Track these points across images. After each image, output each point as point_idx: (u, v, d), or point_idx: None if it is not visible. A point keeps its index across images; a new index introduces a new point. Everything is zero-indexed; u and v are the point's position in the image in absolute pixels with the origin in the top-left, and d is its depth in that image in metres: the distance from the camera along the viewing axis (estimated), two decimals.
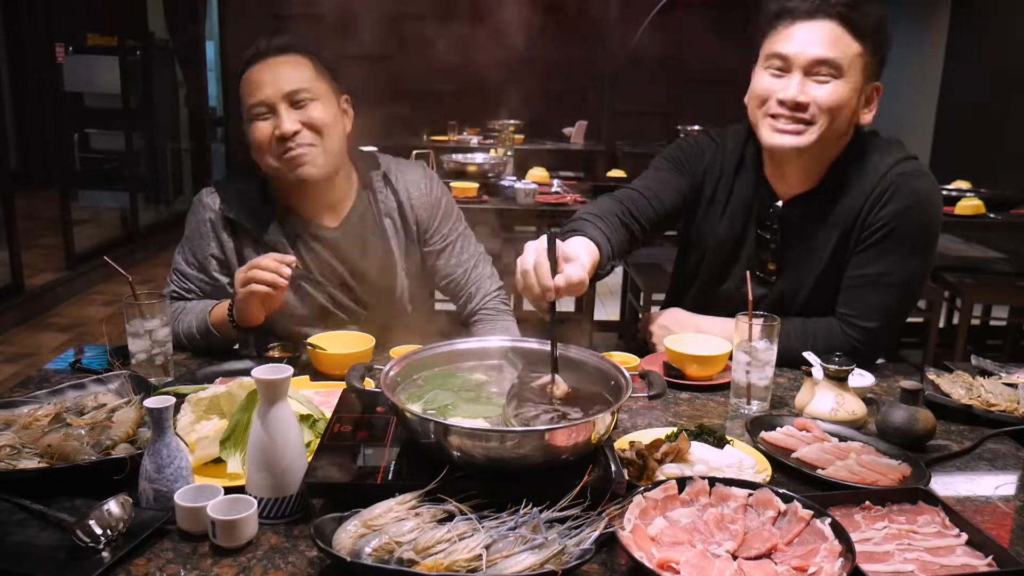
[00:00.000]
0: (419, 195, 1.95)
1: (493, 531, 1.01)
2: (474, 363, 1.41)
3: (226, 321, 1.73)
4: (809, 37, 1.63)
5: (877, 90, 1.70)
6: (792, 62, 1.64)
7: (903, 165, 1.71)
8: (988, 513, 1.22)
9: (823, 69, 1.63)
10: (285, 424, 1.12)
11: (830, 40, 1.62)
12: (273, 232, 1.85)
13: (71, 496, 1.15)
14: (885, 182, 1.69)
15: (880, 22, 1.65)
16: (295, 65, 1.78)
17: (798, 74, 1.64)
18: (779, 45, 1.66)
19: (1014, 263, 4.82)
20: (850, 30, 1.62)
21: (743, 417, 1.50)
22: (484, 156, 4.53)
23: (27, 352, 4.39)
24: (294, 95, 1.76)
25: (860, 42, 1.63)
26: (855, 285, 1.73)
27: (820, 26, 1.62)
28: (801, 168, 1.75)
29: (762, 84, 1.69)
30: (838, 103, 1.63)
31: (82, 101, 6.89)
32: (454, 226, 2.00)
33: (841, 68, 1.62)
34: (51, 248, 5.64)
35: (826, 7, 1.62)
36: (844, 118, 1.66)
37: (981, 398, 1.58)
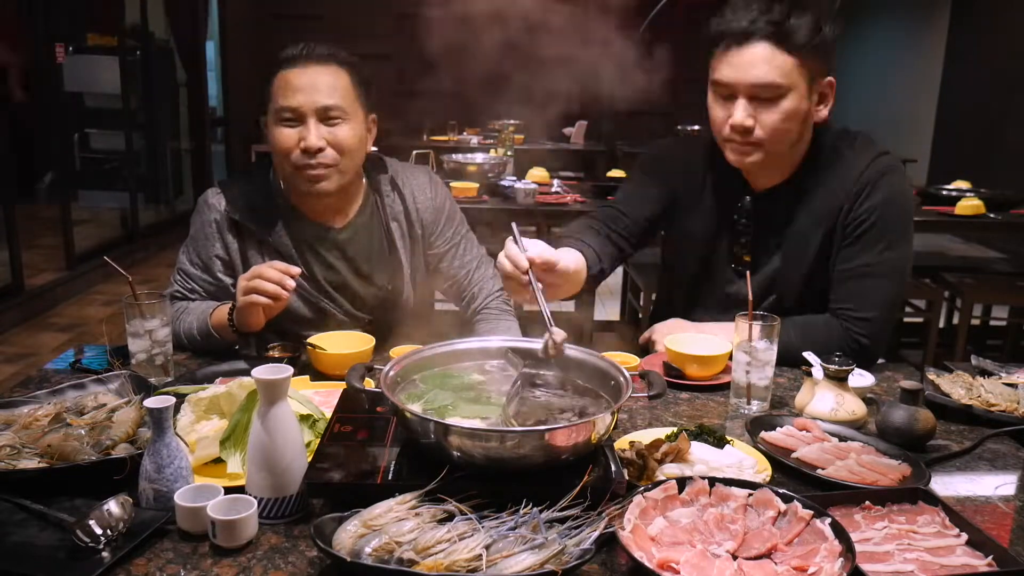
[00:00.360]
0: (424, 199, 1.96)
1: (493, 531, 1.01)
2: (474, 363, 1.41)
3: (226, 324, 1.73)
4: (745, 62, 1.64)
5: (830, 85, 1.72)
6: (734, 88, 1.67)
7: (879, 161, 1.76)
8: (988, 513, 1.22)
9: (765, 92, 1.64)
10: (285, 424, 1.12)
11: (765, 61, 1.63)
12: (279, 234, 1.84)
13: (71, 496, 1.15)
14: (864, 178, 1.74)
15: (816, 24, 1.63)
16: (335, 77, 1.77)
17: (742, 99, 1.67)
18: (720, 72, 1.69)
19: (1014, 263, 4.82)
20: (783, 46, 1.62)
21: (743, 417, 1.50)
22: (484, 156, 4.54)
23: (27, 352, 4.39)
24: (326, 111, 1.75)
25: (796, 54, 1.62)
26: (848, 278, 1.76)
27: (753, 49, 1.63)
28: (771, 167, 1.80)
29: (714, 112, 1.74)
30: (783, 122, 1.67)
31: (82, 101, 6.89)
32: (457, 229, 2.01)
33: (782, 87, 1.64)
34: (51, 248, 5.63)
35: (756, 28, 1.62)
36: (795, 129, 1.70)
37: (981, 398, 1.58)
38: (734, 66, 1.65)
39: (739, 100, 1.67)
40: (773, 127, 1.67)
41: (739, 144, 1.71)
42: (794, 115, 1.67)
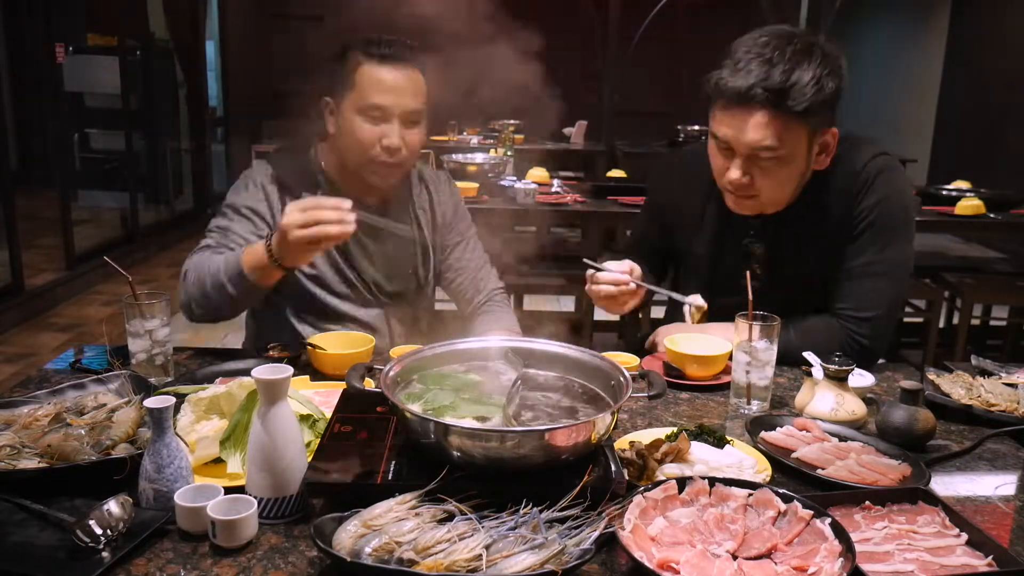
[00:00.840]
0: (445, 196, 2.08)
1: (493, 531, 1.01)
2: (474, 363, 1.41)
3: (265, 263, 1.62)
4: (743, 124, 1.60)
5: (833, 135, 1.69)
6: (732, 146, 1.64)
7: (876, 161, 1.75)
8: (988, 513, 1.22)
9: (763, 154, 1.61)
10: (285, 424, 1.12)
11: (762, 127, 1.58)
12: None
13: (71, 496, 1.15)
14: (862, 178, 1.74)
15: (816, 85, 1.56)
16: (418, 81, 1.84)
17: (740, 158, 1.64)
18: (719, 127, 1.65)
19: (1014, 263, 4.83)
20: (783, 112, 1.57)
21: (743, 417, 1.50)
22: (484, 156, 4.54)
23: (27, 352, 4.39)
24: (410, 115, 1.83)
25: (797, 118, 1.58)
26: (847, 278, 1.76)
27: (751, 114, 1.58)
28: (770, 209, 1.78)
29: (714, 161, 1.73)
30: (781, 183, 1.68)
31: (82, 101, 6.89)
32: (468, 227, 2.13)
33: (779, 150, 1.60)
34: (51, 248, 5.64)
35: (754, 93, 1.56)
36: (795, 181, 1.70)
37: (981, 398, 1.58)
38: (732, 127, 1.62)
39: (736, 159, 1.65)
40: (771, 186, 1.67)
41: (736, 197, 1.72)
42: (793, 175, 1.67)
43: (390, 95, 1.79)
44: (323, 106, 1.90)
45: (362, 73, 1.80)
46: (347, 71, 1.82)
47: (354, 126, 1.82)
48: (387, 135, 1.81)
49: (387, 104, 1.80)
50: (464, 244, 2.09)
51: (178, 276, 1.86)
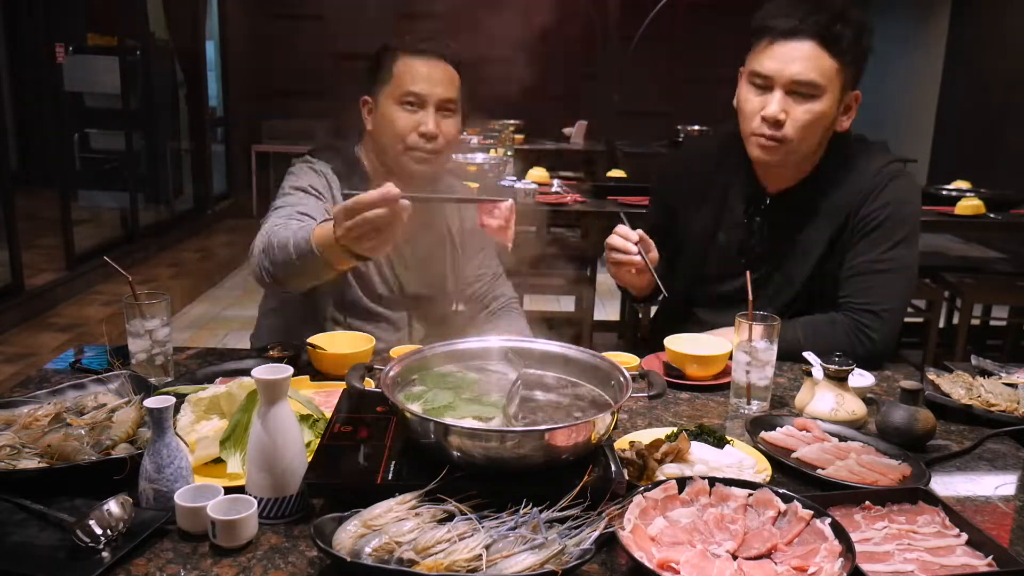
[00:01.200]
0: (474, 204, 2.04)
1: (493, 531, 1.01)
2: (474, 363, 1.41)
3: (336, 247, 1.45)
4: (788, 57, 1.67)
5: (856, 98, 1.77)
6: (773, 80, 1.70)
7: (891, 167, 1.82)
8: (988, 513, 1.22)
9: (802, 88, 1.68)
10: (285, 424, 1.12)
11: (808, 59, 1.66)
12: None
13: (71, 496, 1.15)
14: (877, 179, 1.79)
15: (858, 36, 1.68)
16: (452, 73, 1.91)
17: (779, 92, 1.70)
18: (761, 64, 1.71)
19: (1014, 263, 4.82)
20: (827, 48, 1.66)
21: (743, 417, 1.50)
22: (484, 156, 4.54)
23: (27, 352, 4.39)
24: (445, 103, 1.89)
25: (838, 59, 1.67)
26: (857, 273, 1.78)
27: (799, 46, 1.67)
28: (788, 168, 1.83)
29: (748, 103, 1.76)
30: (815, 121, 1.71)
31: (82, 101, 6.88)
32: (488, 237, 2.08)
33: (820, 87, 1.67)
34: (51, 248, 5.63)
35: (804, 27, 1.65)
36: (821, 131, 1.74)
37: (981, 398, 1.58)
38: (777, 59, 1.68)
39: (776, 92, 1.70)
40: (803, 125, 1.70)
41: (766, 139, 1.73)
42: (823, 117, 1.71)
43: (425, 83, 1.86)
44: (362, 105, 1.95)
45: (399, 64, 1.88)
46: (385, 66, 1.89)
47: (392, 115, 1.88)
48: (423, 122, 1.87)
49: (423, 92, 1.86)
50: (485, 253, 2.15)
51: (178, 276, 1.87)
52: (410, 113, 1.87)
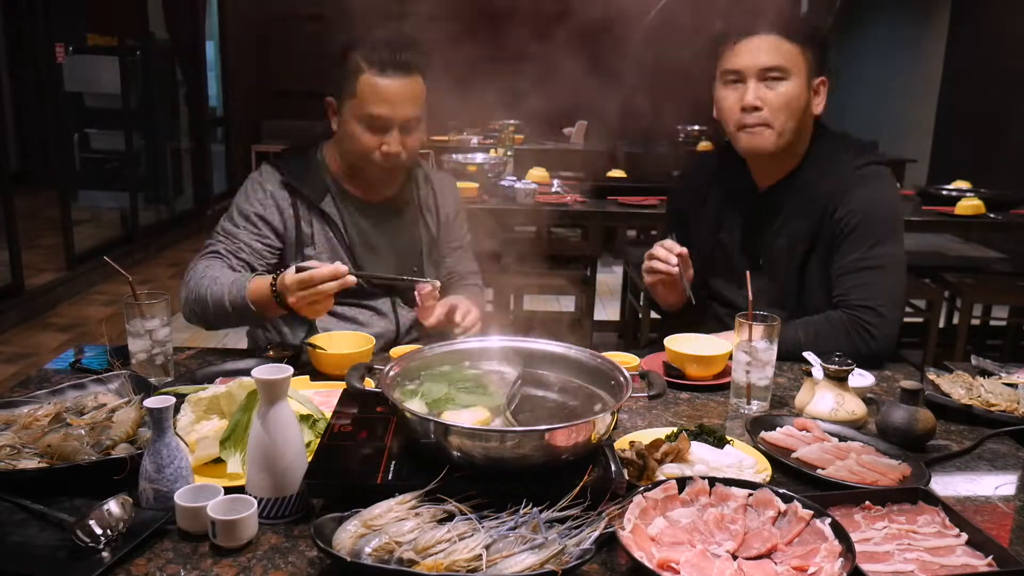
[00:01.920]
0: (450, 198, 2.14)
1: (493, 531, 1.01)
2: (474, 363, 1.41)
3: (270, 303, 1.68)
4: (754, 49, 1.83)
5: (823, 83, 1.89)
6: (744, 73, 1.84)
7: (866, 168, 1.87)
8: (988, 513, 1.22)
9: (772, 73, 1.82)
10: (285, 424, 1.12)
11: (771, 48, 1.82)
12: (328, 203, 1.95)
13: (71, 496, 1.15)
14: (849, 181, 1.84)
15: (811, 26, 1.89)
16: (417, 88, 1.86)
17: (752, 81, 1.83)
18: (730, 62, 1.86)
19: (1014, 263, 4.82)
20: (786, 37, 1.82)
21: (743, 417, 1.50)
22: (484, 156, 4.53)
23: (27, 352, 4.39)
24: (408, 123, 1.85)
25: (798, 45, 1.83)
26: (845, 272, 1.81)
27: (760, 39, 1.83)
28: (776, 159, 1.91)
29: (725, 100, 1.89)
30: (788, 99, 1.83)
31: (82, 101, 6.88)
32: (464, 233, 2.19)
33: (786, 69, 1.82)
34: (51, 248, 5.63)
35: (762, 24, 1.83)
36: (798, 110, 1.84)
37: (981, 398, 1.58)
38: (743, 54, 1.84)
39: (749, 82, 1.83)
40: (779, 106, 1.82)
41: (751, 126, 1.84)
42: (796, 99, 1.83)
43: (391, 107, 1.81)
44: (327, 106, 1.93)
45: (363, 82, 1.81)
46: (348, 75, 1.83)
47: (355, 132, 1.85)
48: (387, 143, 1.84)
49: (387, 115, 1.82)
50: (460, 251, 2.16)
51: (178, 276, 1.88)
52: (373, 133, 1.84)
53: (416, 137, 1.90)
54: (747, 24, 1.85)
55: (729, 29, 1.88)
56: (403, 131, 1.85)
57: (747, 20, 1.85)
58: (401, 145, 1.85)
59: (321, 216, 1.93)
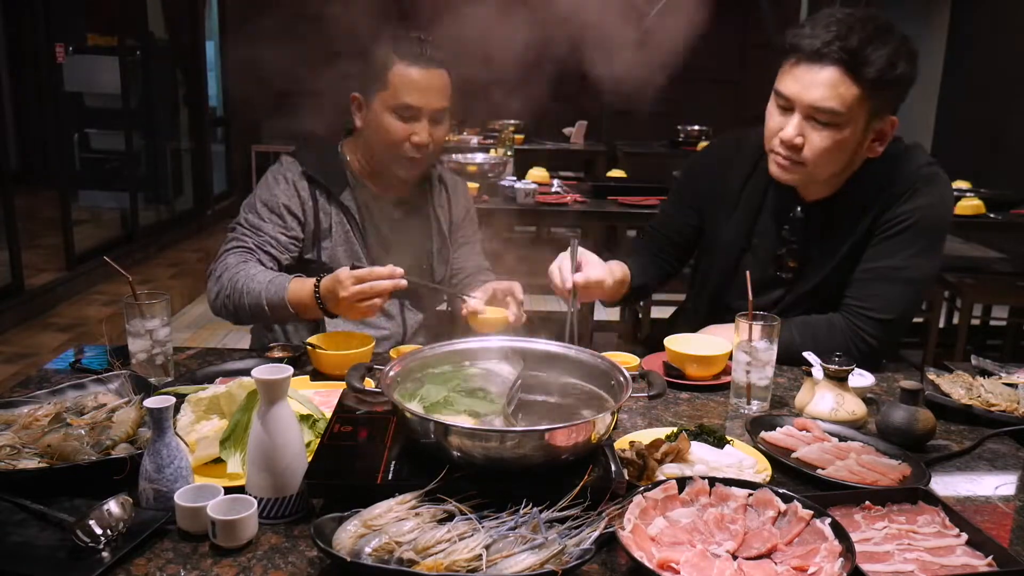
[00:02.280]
0: (461, 198, 2.16)
1: (493, 531, 1.01)
2: (474, 363, 1.41)
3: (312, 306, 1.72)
4: (810, 81, 1.61)
5: (892, 124, 1.70)
6: (794, 103, 1.65)
7: (929, 169, 1.76)
8: (988, 513, 1.22)
9: (821, 116, 1.62)
10: (285, 424, 1.12)
11: (829, 86, 1.60)
12: (347, 196, 1.97)
13: (71, 496, 1.15)
14: (910, 180, 1.73)
15: (891, 63, 1.60)
16: (446, 81, 1.90)
17: (798, 115, 1.65)
18: (784, 84, 1.67)
19: (1014, 263, 4.82)
20: (852, 75, 1.59)
21: (743, 417, 1.50)
22: (484, 156, 4.53)
23: (27, 352, 4.39)
24: (438, 113, 1.89)
25: (863, 86, 1.59)
26: (870, 278, 1.74)
27: (821, 71, 1.60)
28: (817, 185, 1.79)
29: (770, 119, 1.72)
30: (831, 150, 1.65)
31: (82, 101, 6.88)
32: (474, 230, 2.22)
33: (839, 115, 1.61)
34: (51, 248, 5.63)
35: (829, 51, 1.59)
36: (842, 158, 1.68)
37: (981, 398, 1.58)
38: (799, 82, 1.63)
39: (795, 116, 1.65)
40: (820, 151, 1.65)
41: (783, 159, 1.70)
42: (843, 145, 1.65)
43: (422, 96, 1.85)
44: (351, 101, 1.95)
45: (395, 73, 1.85)
46: (378, 69, 1.87)
47: (385, 123, 1.88)
48: (417, 133, 1.87)
49: (419, 104, 1.86)
50: (469, 247, 2.18)
51: (178, 276, 1.89)
52: (404, 123, 1.87)
53: (442, 130, 1.93)
54: (812, 44, 1.60)
55: (795, 41, 1.64)
56: (432, 122, 1.89)
57: (815, 39, 1.60)
58: (429, 136, 1.89)
59: (340, 208, 1.96)
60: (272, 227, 1.91)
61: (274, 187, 1.94)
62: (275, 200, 1.92)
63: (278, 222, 1.92)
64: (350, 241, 1.97)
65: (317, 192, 1.95)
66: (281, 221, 1.92)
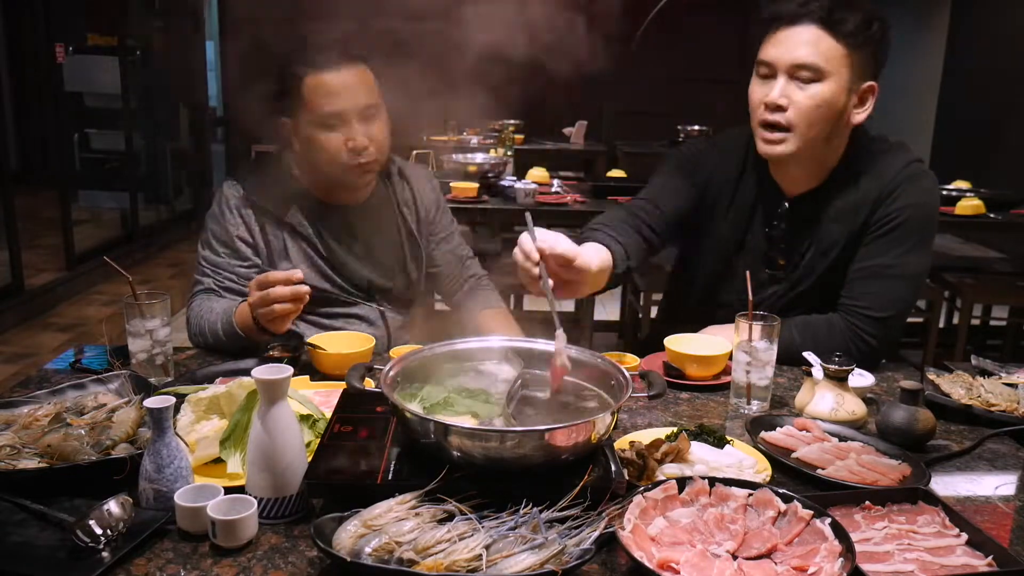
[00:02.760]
0: (427, 191, 2.10)
1: (493, 531, 1.01)
2: (474, 363, 1.41)
3: (253, 327, 1.69)
4: (791, 42, 1.65)
5: (872, 90, 1.71)
6: (776, 67, 1.67)
7: (913, 166, 1.77)
8: (988, 513, 1.22)
9: (804, 73, 1.65)
10: (285, 424, 1.12)
11: (810, 43, 1.64)
12: (294, 213, 1.91)
13: (71, 496, 1.15)
14: (897, 179, 1.74)
15: (867, 22, 1.65)
16: (364, 78, 1.83)
17: (782, 78, 1.67)
18: (765, 52, 1.69)
19: (1014, 263, 4.82)
20: (831, 31, 1.63)
21: (743, 417, 1.50)
22: (484, 156, 4.53)
23: (27, 352, 4.39)
24: (366, 110, 1.82)
25: (844, 42, 1.63)
26: (864, 276, 1.75)
27: (801, 30, 1.65)
28: (803, 169, 1.79)
29: (753, 93, 1.73)
30: (816, 106, 1.65)
31: (82, 101, 6.88)
32: (450, 222, 2.16)
33: (822, 70, 1.64)
34: (51, 248, 5.63)
35: (806, 11, 1.64)
36: (826, 119, 1.68)
37: (981, 398, 1.58)
38: (779, 45, 1.67)
39: (778, 78, 1.67)
40: (806, 110, 1.65)
41: (769, 129, 1.69)
42: (829, 103, 1.66)
43: (339, 98, 1.79)
44: (282, 127, 1.89)
45: (307, 86, 1.80)
46: (291, 88, 1.82)
47: (317, 139, 1.82)
48: (351, 138, 1.81)
49: (340, 108, 1.79)
50: (449, 238, 2.13)
51: (178, 276, 1.90)
52: (334, 131, 1.81)
53: (380, 128, 1.86)
54: (790, 7, 1.66)
55: (774, 12, 1.69)
56: (363, 121, 1.82)
57: (789, 4, 1.66)
58: (366, 137, 1.82)
59: (287, 228, 1.91)
60: (227, 262, 1.88)
61: (220, 218, 1.89)
62: (226, 233, 1.88)
63: (232, 256, 1.88)
64: (309, 257, 1.91)
65: (262, 218, 1.90)
66: (235, 254, 1.88)
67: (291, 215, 1.91)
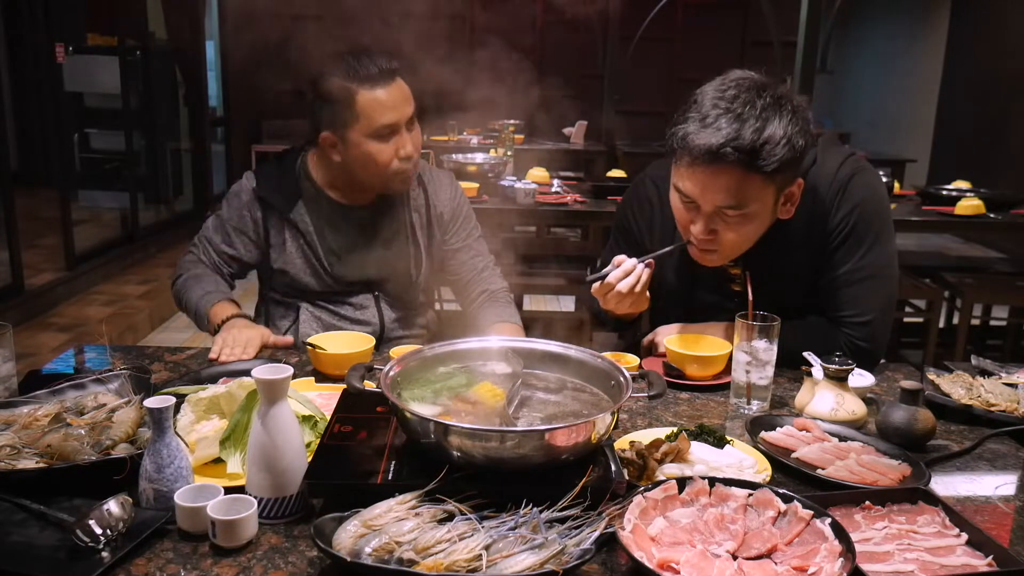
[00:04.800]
0: (446, 199, 2.10)
1: (493, 531, 1.01)
2: (473, 363, 1.41)
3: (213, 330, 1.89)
4: (710, 185, 1.54)
5: (799, 186, 1.64)
6: (697, 203, 1.59)
7: (845, 168, 1.72)
8: (988, 513, 1.22)
9: (727, 212, 1.57)
10: (285, 424, 1.12)
11: (730, 189, 1.53)
12: (299, 211, 1.99)
13: (71, 496, 1.15)
14: (834, 187, 1.71)
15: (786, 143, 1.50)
16: (405, 88, 1.92)
17: (704, 215, 1.59)
18: (684, 183, 1.59)
19: (1014, 263, 4.82)
20: (752, 171, 1.51)
21: (743, 417, 1.50)
22: (484, 156, 4.54)
23: (27, 352, 4.39)
24: (411, 120, 1.92)
25: (764, 176, 1.52)
26: (837, 286, 1.73)
27: (720, 175, 1.52)
28: None
29: (677, 211, 1.67)
30: (745, 237, 1.63)
31: (82, 101, 6.88)
32: (472, 231, 2.15)
33: (746, 208, 1.56)
34: (51, 248, 5.63)
35: (724, 154, 1.49)
36: (757, 234, 1.65)
37: (981, 398, 1.58)
38: (698, 185, 1.56)
39: (701, 214, 1.60)
40: (734, 241, 1.62)
41: (699, 250, 1.67)
42: (757, 230, 1.63)
43: (394, 112, 1.87)
44: (322, 142, 1.92)
45: (362, 101, 1.85)
46: (343, 104, 1.85)
47: (370, 151, 1.88)
48: (401, 146, 1.90)
49: (395, 120, 1.87)
50: (467, 250, 2.11)
51: None
52: (387, 142, 1.88)
53: (418, 133, 1.95)
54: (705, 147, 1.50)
55: (686, 147, 1.53)
56: (409, 131, 1.92)
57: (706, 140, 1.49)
58: (412, 144, 1.92)
59: (290, 225, 1.99)
60: (219, 241, 2.04)
61: (228, 205, 2.03)
62: (226, 218, 2.03)
63: (225, 239, 2.03)
64: (305, 255, 1.99)
65: (268, 209, 2.00)
66: (228, 239, 2.03)
67: (296, 212, 1.98)
